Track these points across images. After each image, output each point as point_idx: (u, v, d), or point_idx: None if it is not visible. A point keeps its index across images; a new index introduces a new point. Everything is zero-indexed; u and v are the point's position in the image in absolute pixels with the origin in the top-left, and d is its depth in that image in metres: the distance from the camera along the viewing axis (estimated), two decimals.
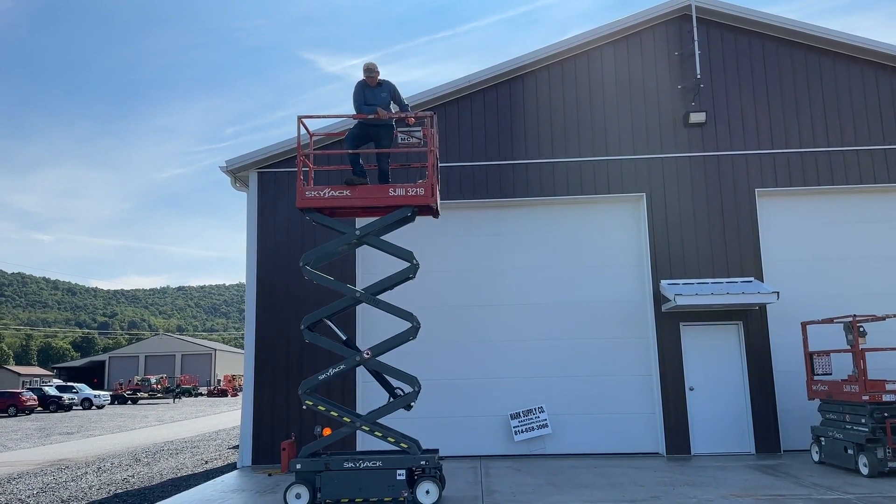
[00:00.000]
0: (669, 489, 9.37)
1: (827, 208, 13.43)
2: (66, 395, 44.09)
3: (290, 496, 8.64)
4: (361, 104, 9.65)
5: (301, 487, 8.63)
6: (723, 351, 12.92)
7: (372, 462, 8.70)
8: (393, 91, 9.85)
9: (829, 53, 13.64)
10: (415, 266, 9.37)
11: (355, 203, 9.48)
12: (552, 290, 13.41)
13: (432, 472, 8.75)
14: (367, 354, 9.14)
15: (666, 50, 13.82)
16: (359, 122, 9.73)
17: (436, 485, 8.65)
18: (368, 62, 9.74)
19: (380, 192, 9.48)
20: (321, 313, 9.41)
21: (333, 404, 9.38)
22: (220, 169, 13.65)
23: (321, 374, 9.18)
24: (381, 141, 9.84)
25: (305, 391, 9.08)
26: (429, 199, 9.36)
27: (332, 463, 8.71)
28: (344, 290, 9.55)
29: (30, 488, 12.89)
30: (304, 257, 9.42)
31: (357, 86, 9.80)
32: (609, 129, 13.59)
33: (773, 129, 13.42)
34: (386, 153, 9.93)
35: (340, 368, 9.19)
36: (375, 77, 9.72)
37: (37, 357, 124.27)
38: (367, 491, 8.63)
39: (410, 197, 9.36)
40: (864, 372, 10.22)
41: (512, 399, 13.03)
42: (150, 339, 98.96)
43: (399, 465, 8.68)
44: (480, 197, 13.46)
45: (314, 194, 9.39)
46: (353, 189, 9.44)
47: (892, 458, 9.76)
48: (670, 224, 13.21)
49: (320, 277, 9.51)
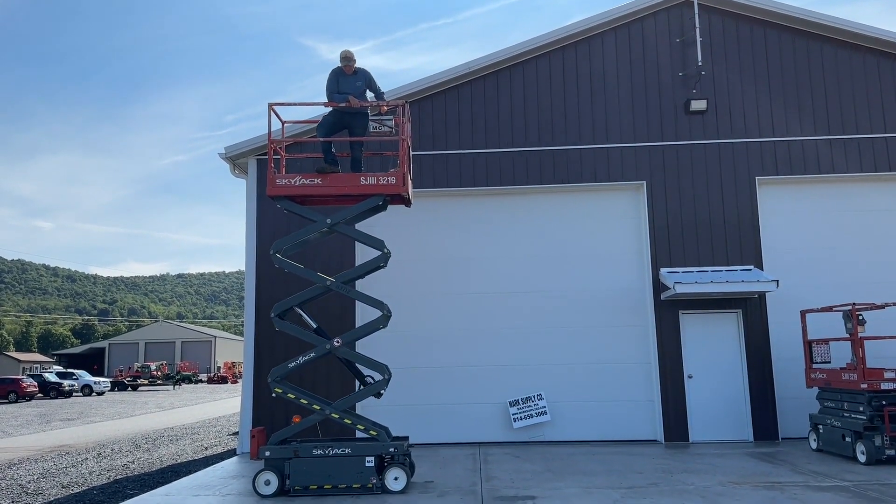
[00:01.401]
0: (667, 476, 9.41)
1: (827, 197, 13.40)
2: (67, 382, 44.22)
3: (260, 483, 8.69)
4: (334, 92, 9.62)
5: (270, 474, 8.68)
6: (722, 339, 12.93)
7: (341, 449, 8.74)
8: (369, 79, 9.83)
9: (830, 41, 13.56)
10: (386, 255, 9.40)
11: (326, 191, 9.47)
12: (552, 278, 13.41)
13: (401, 459, 8.80)
14: (338, 343, 9.16)
15: (667, 37, 13.74)
16: (333, 110, 9.72)
17: (404, 471, 8.70)
18: (345, 50, 9.73)
19: (351, 180, 9.47)
20: (291, 301, 9.46)
21: (303, 392, 9.39)
22: (220, 156, 13.61)
23: (291, 362, 9.20)
24: (356, 129, 9.84)
25: (274, 379, 9.10)
26: (400, 187, 9.36)
27: (301, 450, 8.74)
28: (314, 278, 9.52)
29: (30, 474, 12.95)
30: (275, 245, 9.46)
31: (331, 73, 9.77)
32: (609, 117, 13.54)
33: (774, 117, 13.37)
34: (360, 142, 9.91)
35: (310, 356, 9.20)
36: (352, 65, 9.69)
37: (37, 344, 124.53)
38: (335, 478, 8.68)
39: (381, 186, 9.36)
40: (862, 360, 10.24)
41: (511, 386, 13.05)
42: (150, 326, 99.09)
43: (368, 453, 8.72)
44: (480, 185, 13.42)
45: (285, 182, 9.40)
46: (324, 177, 9.42)
47: (889, 445, 9.79)
48: (670, 212, 13.18)
49: (290, 265, 9.53)
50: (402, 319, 13.30)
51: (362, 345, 12.96)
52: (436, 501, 8.18)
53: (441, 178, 13.45)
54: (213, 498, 8.80)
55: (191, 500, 8.70)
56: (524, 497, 8.30)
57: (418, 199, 13.52)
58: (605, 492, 8.50)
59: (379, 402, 12.94)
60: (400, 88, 13.42)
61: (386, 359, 13.15)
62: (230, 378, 65.08)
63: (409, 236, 13.46)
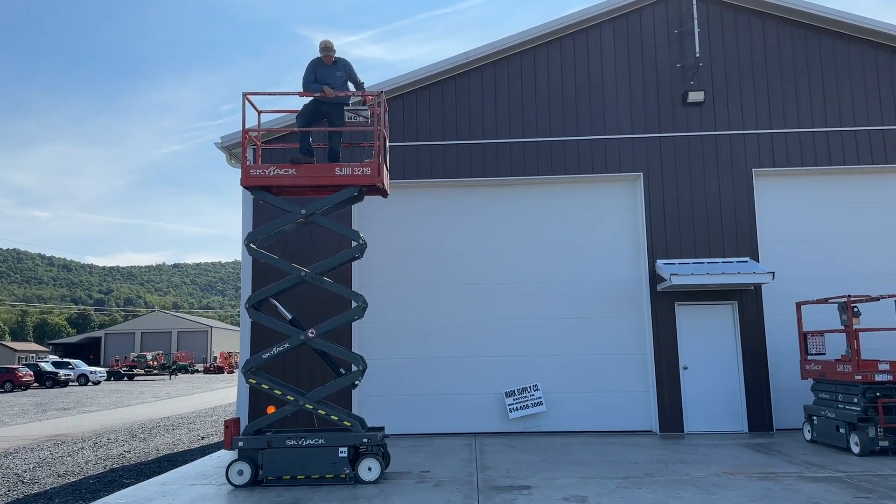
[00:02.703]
0: (662, 466, 9.45)
1: (824, 189, 13.42)
2: (63, 372, 44.23)
3: (233, 473, 8.69)
4: (310, 82, 9.59)
5: (243, 464, 8.68)
6: (717, 330, 12.97)
7: (314, 440, 8.75)
8: (349, 70, 9.80)
9: (829, 33, 13.55)
10: (361, 246, 9.42)
11: (302, 182, 9.44)
12: (549, 270, 13.41)
13: (374, 450, 8.81)
14: (312, 334, 9.16)
15: (665, 28, 13.71)
16: (312, 100, 9.69)
17: (378, 462, 8.72)
18: (325, 40, 9.69)
19: (326, 171, 9.44)
20: (266, 292, 9.45)
21: (277, 382, 9.38)
22: (216, 145, 13.55)
23: (265, 353, 9.20)
24: (335, 120, 9.80)
25: (249, 369, 9.10)
26: (375, 178, 9.33)
27: (274, 441, 8.74)
28: (289, 269, 9.48)
29: (26, 463, 12.96)
30: (249, 236, 9.47)
31: (310, 64, 9.74)
32: (607, 108, 13.51)
33: (771, 109, 13.36)
34: (338, 133, 9.88)
35: (285, 347, 9.19)
36: (331, 56, 9.65)
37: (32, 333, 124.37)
38: (309, 468, 8.69)
39: (357, 176, 9.33)
40: (857, 352, 10.28)
41: (507, 377, 13.08)
42: (146, 316, 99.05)
43: (341, 443, 8.73)
44: (478, 176, 13.40)
45: (259, 172, 9.35)
46: (299, 168, 9.39)
47: (883, 437, 9.85)
48: (667, 204, 13.19)
49: (265, 256, 9.51)
50: (399, 310, 13.33)
51: (357, 335, 13.00)
52: (432, 491, 8.21)
53: (438, 170, 13.42)
54: (209, 487, 8.82)
55: (187, 490, 8.72)
56: (520, 487, 8.34)
57: (414, 189, 13.53)
58: (600, 482, 8.54)
59: (375, 392, 13.04)
60: (397, 78, 13.38)
61: (382, 350, 13.25)
62: (226, 368, 65.14)
63: (404, 227, 13.47)
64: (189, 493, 8.53)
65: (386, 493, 8.11)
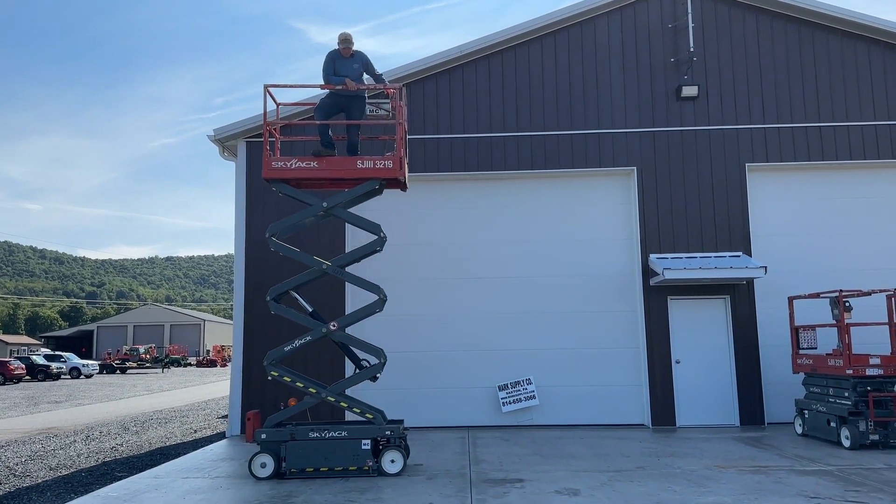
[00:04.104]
0: (654, 460, 9.49)
1: (816, 184, 13.46)
2: (55, 365, 44.05)
3: (256, 466, 8.71)
4: (330, 74, 9.56)
5: (266, 457, 8.70)
6: (710, 324, 13.02)
7: (337, 432, 8.77)
8: (366, 62, 9.76)
9: (822, 28, 13.56)
10: (382, 239, 9.40)
11: (323, 174, 9.42)
12: (542, 264, 13.43)
13: (397, 442, 8.84)
14: (334, 326, 9.15)
15: (660, 22, 13.70)
16: (330, 93, 9.67)
17: (401, 454, 8.75)
18: (344, 32, 9.68)
19: (348, 164, 9.43)
20: (287, 285, 9.41)
21: (299, 375, 9.38)
22: (209, 138, 13.50)
23: (287, 346, 9.18)
24: (353, 112, 9.77)
25: (270, 362, 9.09)
26: (397, 171, 9.32)
27: (297, 433, 8.76)
28: (310, 262, 9.48)
29: (18, 456, 12.92)
30: (270, 228, 9.39)
31: (328, 55, 9.71)
32: (601, 102, 13.51)
33: (765, 104, 13.38)
34: (356, 125, 9.86)
35: (307, 340, 9.20)
36: (350, 48, 9.62)
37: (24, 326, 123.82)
38: (332, 460, 8.71)
39: (378, 170, 9.32)
40: (848, 346, 10.34)
41: (500, 371, 13.11)
42: (139, 309, 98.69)
43: (364, 435, 8.76)
44: (472, 169, 13.39)
45: (281, 165, 9.32)
46: (320, 160, 9.37)
47: (873, 431, 9.92)
48: (660, 198, 13.21)
49: (286, 249, 9.47)
50: (392, 304, 13.27)
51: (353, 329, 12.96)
52: (425, 484, 8.22)
53: (431, 163, 13.40)
54: (202, 480, 8.81)
55: (179, 482, 8.71)
56: (513, 480, 8.36)
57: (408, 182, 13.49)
58: (592, 475, 8.57)
59: (369, 385, 13.01)
60: (391, 72, 13.32)
61: (375, 342, 13.20)
62: (219, 361, 65.01)
63: (395, 221, 13.43)
64: (182, 486, 8.52)
65: (378, 487, 8.12)
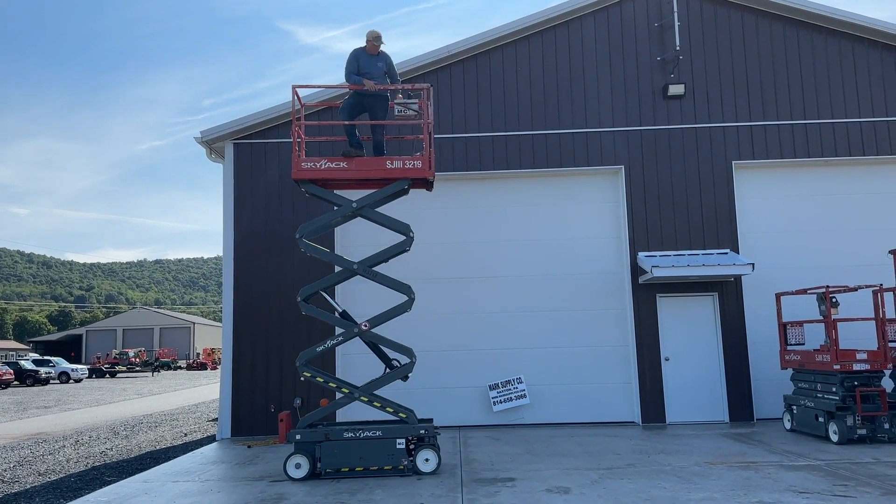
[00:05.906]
0: (644, 457, 9.53)
1: (803, 181, 13.55)
2: (43, 369, 43.68)
3: (290, 466, 8.69)
4: (352, 73, 9.47)
5: (301, 458, 8.68)
6: (698, 321, 13.08)
7: (372, 432, 8.77)
8: (389, 63, 9.71)
9: (808, 26, 13.66)
10: (410, 238, 9.33)
11: (351, 175, 9.36)
12: (531, 263, 13.45)
13: (431, 441, 8.84)
14: (366, 326, 9.15)
15: (646, 21, 13.76)
16: (354, 92, 9.57)
17: (435, 453, 8.77)
18: (374, 30, 9.56)
19: (377, 164, 9.38)
20: (317, 286, 9.35)
21: (331, 376, 9.41)
22: (196, 140, 13.44)
23: (319, 346, 9.16)
24: (376, 112, 9.69)
25: (303, 363, 9.07)
26: (426, 171, 9.30)
27: (331, 433, 8.73)
28: (340, 262, 9.47)
29: (6, 461, 12.82)
30: (301, 229, 9.30)
31: (352, 54, 9.60)
32: (588, 101, 13.55)
33: (751, 102, 13.46)
34: (381, 125, 9.80)
35: (339, 340, 9.20)
36: (378, 46, 9.55)
37: (12, 331, 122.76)
38: (367, 460, 8.71)
39: (408, 170, 9.28)
40: (835, 342, 10.41)
41: (491, 370, 13.12)
42: (128, 313, 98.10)
43: (399, 435, 8.76)
44: (460, 169, 13.39)
45: (310, 165, 9.25)
46: (349, 161, 9.31)
47: (861, 425, 10.00)
48: (648, 196, 13.26)
49: (317, 250, 9.46)
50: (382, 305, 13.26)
51: None
52: (415, 484, 8.22)
53: None
54: (192, 483, 8.77)
55: (170, 486, 8.67)
56: (504, 479, 8.37)
57: None
58: (583, 473, 8.59)
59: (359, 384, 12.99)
60: None
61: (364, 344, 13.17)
62: (209, 364, 64.75)
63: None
64: (172, 489, 8.48)
65: (369, 487, 8.12)
